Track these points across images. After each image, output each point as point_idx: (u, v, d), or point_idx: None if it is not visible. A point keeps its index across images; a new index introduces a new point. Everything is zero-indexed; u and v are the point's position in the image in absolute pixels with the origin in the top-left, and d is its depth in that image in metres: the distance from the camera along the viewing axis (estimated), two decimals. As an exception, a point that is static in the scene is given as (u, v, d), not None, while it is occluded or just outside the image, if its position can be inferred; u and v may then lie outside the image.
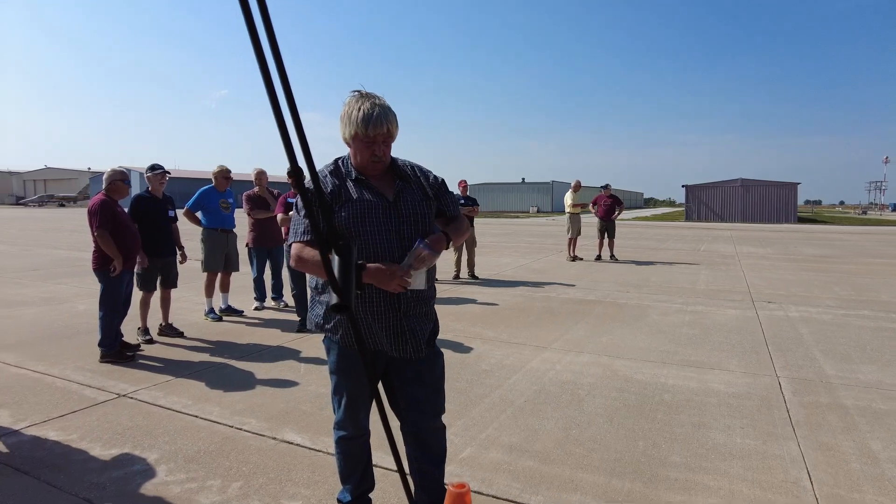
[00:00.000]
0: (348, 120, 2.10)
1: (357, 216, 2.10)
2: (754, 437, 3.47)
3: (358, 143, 2.12)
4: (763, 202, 40.31)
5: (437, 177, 2.38)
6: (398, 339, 2.19)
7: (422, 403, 2.34)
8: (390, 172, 2.25)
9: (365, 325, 2.17)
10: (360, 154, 2.13)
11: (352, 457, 2.43)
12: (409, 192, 2.23)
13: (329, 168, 2.22)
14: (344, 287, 0.87)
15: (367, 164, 2.15)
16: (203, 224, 6.82)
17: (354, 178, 2.17)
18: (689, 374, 4.72)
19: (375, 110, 2.06)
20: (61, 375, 4.56)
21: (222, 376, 4.60)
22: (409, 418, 2.38)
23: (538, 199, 68.90)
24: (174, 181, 40.80)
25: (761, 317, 6.94)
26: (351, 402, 2.32)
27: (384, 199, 2.16)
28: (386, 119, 2.08)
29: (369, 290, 2.11)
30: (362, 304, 2.13)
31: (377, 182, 2.20)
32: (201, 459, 3.15)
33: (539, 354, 5.25)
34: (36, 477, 2.97)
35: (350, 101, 2.12)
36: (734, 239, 20.93)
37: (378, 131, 2.07)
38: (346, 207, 2.11)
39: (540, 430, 3.58)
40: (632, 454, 3.26)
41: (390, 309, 2.16)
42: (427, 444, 2.41)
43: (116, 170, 5.11)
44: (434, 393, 2.37)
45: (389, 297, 2.14)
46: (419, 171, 2.35)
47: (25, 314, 6.94)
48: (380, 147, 2.12)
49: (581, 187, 13.20)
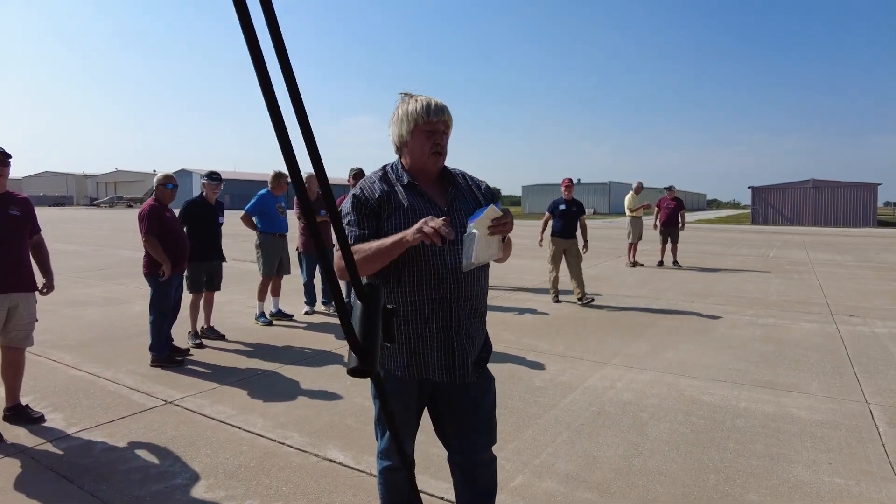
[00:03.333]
0: (405, 116, 2.01)
1: (408, 224, 1.93)
2: (845, 476, 3.07)
3: (418, 135, 2.01)
4: (837, 204, 37.91)
5: (489, 186, 2.22)
6: (447, 360, 2.00)
7: (471, 433, 2.14)
8: (442, 179, 2.12)
9: (412, 343, 1.99)
10: (421, 146, 2.01)
11: (396, 488, 2.24)
12: (461, 199, 2.09)
13: (378, 174, 2.09)
14: (367, 344, 0.66)
15: (427, 157, 2.02)
16: (259, 228, 6.84)
17: (406, 184, 2.03)
18: (763, 396, 4.31)
19: (433, 101, 2.01)
20: (113, 379, 4.60)
21: (268, 385, 4.53)
22: (457, 448, 2.17)
23: (595, 200, 67.29)
24: (231, 183, 42.42)
25: (843, 332, 6.36)
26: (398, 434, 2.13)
27: (436, 206, 2.02)
28: (446, 109, 2.02)
29: (419, 301, 1.95)
30: (408, 317, 1.96)
31: (428, 189, 2.06)
32: (242, 475, 3.04)
33: (597, 371, 4.93)
34: (80, 486, 2.95)
35: (403, 100, 2.05)
36: (806, 244, 19.69)
37: (440, 118, 1.99)
38: (396, 215, 1.98)
39: (599, 457, 3.29)
40: (701, 489, 2.94)
41: (441, 323, 1.97)
42: (476, 477, 2.19)
43: (161, 175, 5.14)
44: (485, 422, 2.16)
45: (441, 310, 1.96)
46: (471, 179, 2.21)
47: (87, 314, 7.15)
48: (441, 136, 2.02)
49: (643, 189, 12.65)
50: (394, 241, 1.86)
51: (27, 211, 3.70)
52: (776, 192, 39.86)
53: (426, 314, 1.97)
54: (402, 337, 1.99)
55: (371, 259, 1.91)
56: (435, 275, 1.95)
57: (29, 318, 3.69)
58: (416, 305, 1.96)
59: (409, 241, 1.83)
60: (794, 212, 39.09)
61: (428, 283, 1.94)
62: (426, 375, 2.03)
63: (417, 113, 1.98)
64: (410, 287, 1.95)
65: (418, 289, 1.95)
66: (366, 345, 0.67)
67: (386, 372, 2.07)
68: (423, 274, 1.94)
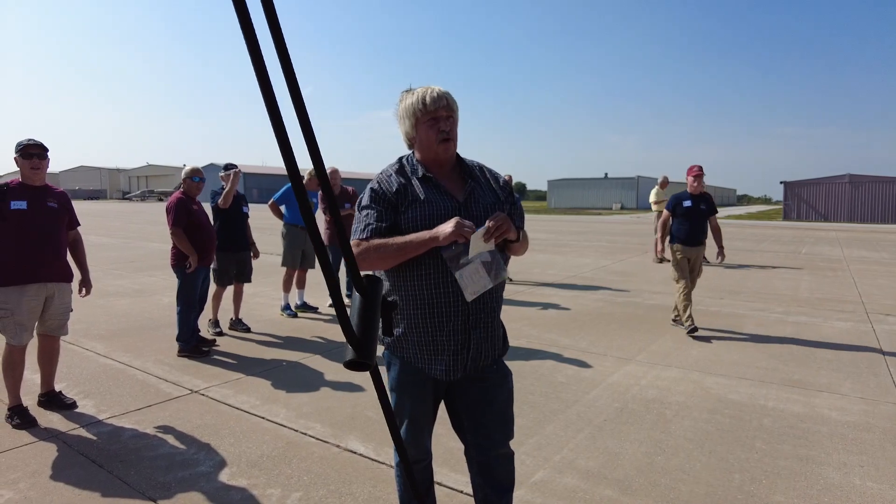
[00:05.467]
0: (405, 112, 2.02)
1: (424, 218, 1.93)
2: (877, 480, 2.98)
3: (422, 127, 2.00)
4: (875, 200, 36.71)
5: (505, 180, 2.20)
6: (464, 354, 2.00)
7: (488, 428, 2.12)
8: (459, 172, 2.09)
9: (430, 337, 1.98)
10: (427, 137, 1.99)
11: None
12: (479, 192, 2.06)
13: (394, 167, 2.07)
14: (363, 337, 0.65)
15: (436, 146, 1.99)
16: (285, 219, 6.91)
17: (421, 177, 2.01)
18: (793, 395, 4.20)
19: (430, 90, 1.99)
20: (142, 368, 4.71)
21: (292, 375, 4.58)
22: (474, 443, 2.16)
23: (622, 195, 66.41)
24: (259, 177, 42.88)
25: (878, 332, 6.17)
26: (413, 424, 2.13)
27: (453, 199, 2.00)
28: (445, 95, 1.99)
29: (437, 296, 1.94)
30: (427, 311, 1.95)
31: (446, 181, 2.04)
32: (264, 465, 3.09)
33: (621, 367, 4.88)
34: (109, 471, 3.03)
35: (402, 97, 2.05)
36: (840, 241, 19.14)
37: (439, 104, 1.97)
38: (413, 208, 1.96)
39: (621, 454, 3.25)
40: (726, 489, 2.88)
41: (461, 317, 1.96)
42: (493, 471, 2.18)
43: (188, 168, 5.22)
44: (501, 417, 2.14)
45: (461, 304, 1.94)
46: (488, 171, 2.18)
47: (118, 305, 7.33)
48: (445, 122, 1.99)
49: (669, 183, 12.44)
50: (423, 240, 1.86)
51: (65, 204, 3.81)
52: (809, 188, 38.80)
53: (445, 308, 1.95)
54: (421, 330, 1.99)
55: (393, 254, 1.90)
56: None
57: (64, 308, 3.80)
58: (435, 299, 1.95)
59: (440, 241, 1.83)
60: (829, 208, 38.00)
61: (447, 278, 1.92)
62: (441, 370, 2.02)
63: (415, 106, 1.98)
64: (428, 281, 1.94)
65: (437, 283, 1.93)
66: (363, 338, 0.66)
67: (403, 364, 2.07)
68: (442, 269, 1.93)
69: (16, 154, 3.58)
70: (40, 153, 3.61)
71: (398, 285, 2.00)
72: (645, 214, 39.77)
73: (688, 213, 6.14)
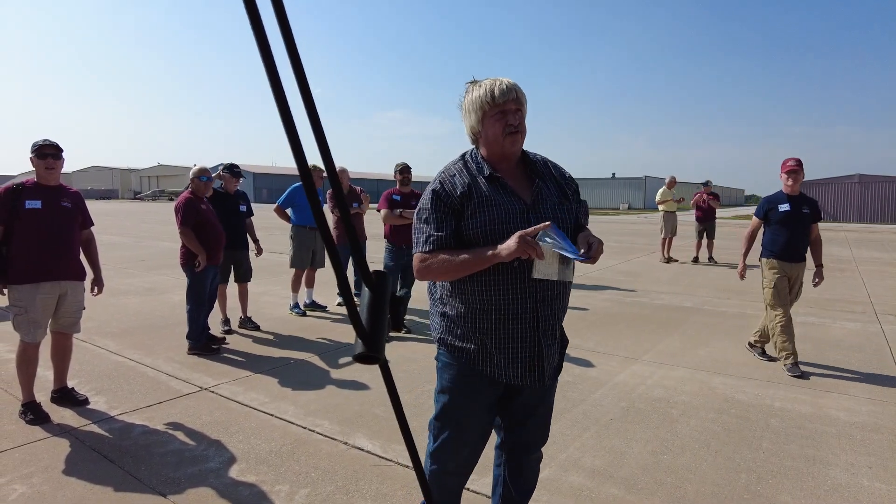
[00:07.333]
0: (471, 106, 1.92)
1: (493, 222, 1.84)
2: (885, 481, 2.98)
3: (489, 120, 1.89)
4: (885, 200, 36.37)
5: (571, 176, 2.09)
6: (536, 361, 1.92)
7: (528, 435, 2.13)
8: (525, 170, 2.00)
9: (493, 342, 1.91)
10: (493, 131, 1.89)
11: (446, 490, 2.14)
12: (546, 192, 1.96)
13: (457, 166, 1.97)
14: (372, 331, 0.68)
15: (503, 139, 1.89)
16: (292, 221, 6.96)
17: (487, 176, 1.91)
18: (800, 396, 4.19)
19: (499, 81, 1.88)
20: (153, 365, 4.76)
21: (300, 374, 4.62)
22: (510, 443, 2.17)
23: (630, 195, 66.15)
24: (271, 177, 43.02)
25: (888, 333, 6.13)
26: (458, 436, 2.01)
27: (521, 201, 1.90)
28: (514, 87, 1.88)
29: (507, 301, 1.86)
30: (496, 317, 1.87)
31: (512, 180, 1.95)
32: (272, 461, 3.12)
33: (628, 367, 4.88)
34: (120, 466, 3.07)
35: (468, 90, 1.96)
36: (850, 241, 19.00)
37: (508, 97, 1.86)
38: (480, 212, 1.86)
39: (627, 453, 3.26)
40: (732, 488, 2.88)
41: (531, 324, 1.88)
42: (521, 472, 2.20)
43: (196, 168, 5.27)
44: (543, 426, 2.15)
45: (530, 310, 1.87)
46: (553, 166, 2.06)
47: (129, 303, 7.41)
48: (514, 116, 1.88)
49: (676, 183, 12.40)
50: (485, 258, 1.78)
51: (78, 204, 3.86)
52: (819, 188, 38.49)
53: (515, 315, 1.87)
54: (489, 336, 1.90)
55: (455, 270, 1.84)
56: (522, 276, 1.84)
57: (77, 306, 3.85)
58: (504, 305, 1.87)
59: (503, 259, 1.75)
60: (838, 208, 37.70)
61: (515, 283, 1.85)
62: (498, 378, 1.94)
63: (482, 99, 1.88)
64: (496, 287, 1.86)
65: (506, 289, 1.85)
66: (372, 331, 0.68)
67: (464, 368, 1.97)
68: (512, 275, 1.85)
69: (31, 154, 3.64)
70: (55, 153, 3.67)
71: (462, 289, 1.92)
72: (653, 214, 39.60)
73: (786, 219, 4.84)
